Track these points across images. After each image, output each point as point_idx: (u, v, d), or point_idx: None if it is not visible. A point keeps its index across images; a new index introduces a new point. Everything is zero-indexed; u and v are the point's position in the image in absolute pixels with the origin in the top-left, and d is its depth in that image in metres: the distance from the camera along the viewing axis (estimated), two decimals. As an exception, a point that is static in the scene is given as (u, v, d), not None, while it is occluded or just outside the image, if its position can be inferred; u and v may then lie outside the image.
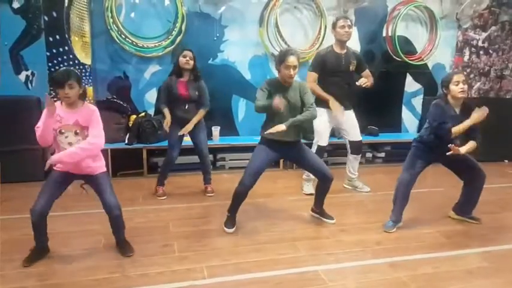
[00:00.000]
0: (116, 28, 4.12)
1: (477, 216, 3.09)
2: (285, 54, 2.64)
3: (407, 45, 5.04)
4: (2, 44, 3.96)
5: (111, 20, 4.07)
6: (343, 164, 4.08)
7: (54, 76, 2.24)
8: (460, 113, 2.74)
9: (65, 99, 2.20)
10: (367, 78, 3.57)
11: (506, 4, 5.29)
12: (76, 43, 3.89)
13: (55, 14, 3.80)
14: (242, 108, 4.78)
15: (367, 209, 3.40)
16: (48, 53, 3.86)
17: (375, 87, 3.71)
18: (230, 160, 4.54)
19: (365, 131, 4.91)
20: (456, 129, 2.66)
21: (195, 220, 3.07)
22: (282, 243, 2.70)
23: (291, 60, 2.60)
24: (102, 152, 2.44)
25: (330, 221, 3.05)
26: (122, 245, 2.49)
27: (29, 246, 2.54)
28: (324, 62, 3.44)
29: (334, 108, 3.46)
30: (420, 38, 5.11)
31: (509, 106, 5.23)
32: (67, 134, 2.25)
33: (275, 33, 4.53)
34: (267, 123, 2.76)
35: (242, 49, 4.62)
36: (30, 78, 4.10)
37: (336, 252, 2.58)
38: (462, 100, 2.74)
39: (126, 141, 4.19)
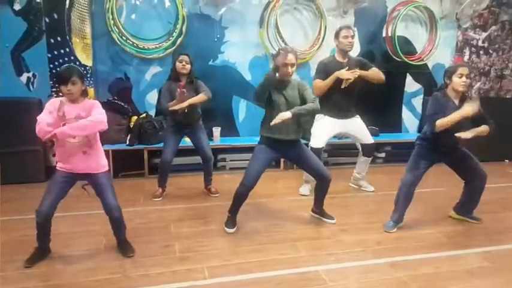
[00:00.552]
0: (117, 30, 4.13)
1: (478, 216, 3.09)
2: (284, 52, 2.66)
3: (407, 45, 5.05)
4: (4, 46, 3.97)
5: (112, 22, 4.09)
6: (343, 165, 4.11)
7: (58, 73, 2.27)
8: (459, 105, 2.71)
9: (68, 95, 2.21)
10: (377, 74, 3.48)
11: (506, 4, 5.29)
12: (77, 45, 3.91)
13: (56, 16, 3.82)
14: (243, 108, 4.79)
15: (367, 209, 3.41)
16: (49, 55, 3.88)
17: (375, 87, 3.71)
18: (231, 161, 4.55)
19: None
20: (442, 121, 2.59)
21: (196, 221, 3.08)
22: (283, 243, 2.70)
23: (289, 58, 2.62)
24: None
25: (331, 221, 3.05)
26: (123, 246, 2.50)
27: (30, 247, 2.55)
28: (328, 71, 3.40)
29: (342, 74, 3.33)
30: (420, 38, 5.12)
31: (509, 106, 5.23)
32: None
33: (275, 34, 4.54)
34: (266, 120, 2.76)
35: (242, 50, 4.63)
36: (31, 79, 4.11)
37: (337, 252, 2.59)
38: (461, 93, 2.73)
39: (127, 142, 4.20)
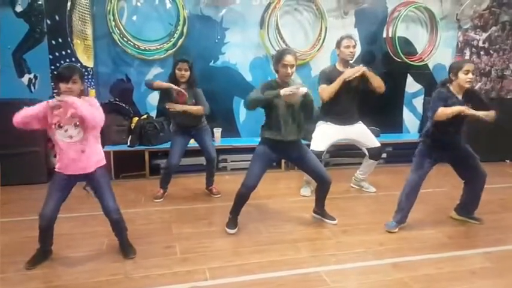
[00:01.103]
0: (118, 31, 4.14)
1: (479, 216, 3.09)
2: (282, 53, 2.67)
3: (407, 46, 5.05)
4: (5, 48, 3.98)
5: (113, 23, 4.10)
6: (344, 165, 4.10)
7: (59, 71, 2.25)
8: (463, 99, 2.72)
9: (67, 93, 2.19)
10: (378, 79, 3.47)
11: (506, 4, 5.29)
12: (78, 46, 3.92)
13: (57, 18, 3.83)
14: (243, 109, 4.78)
15: (369, 210, 3.40)
16: (50, 56, 3.89)
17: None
18: (232, 161, 4.55)
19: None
20: (444, 110, 2.61)
21: (197, 221, 3.08)
22: (284, 244, 2.70)
23: (288, 59, 2.62)
24: (104, 154, 2.45)
25: (332, 222, 3.05)
26: (124, 247, 2.50)
27: (31, 248, 2.55)
28: (330, 80, 3.38)
29: (350, 73, 3.33)
30: (420, 39, 5.12)
31: (510, 106, 5.22)
32: (66, 128, 2.23)
33: (276, 35, 4.54)
34: (267, 123, 2.77)
35: (243, 51, 4.64)
36: (33, 81, 4.12)
37: (338, 253, 2.58)
38: (465, 88, 2.72)
39: (128, 143, 4.21)
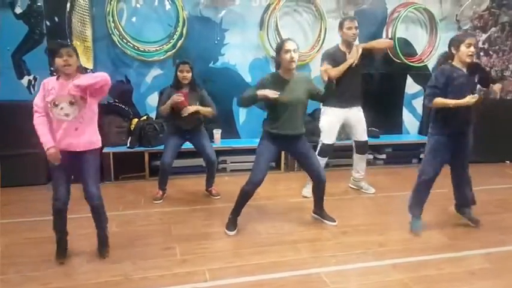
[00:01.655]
0: (118, 32, 4.14)
1: (479, 216, 3.07)
2: (282, 41, 2.71)
3: (407, 47, 5.05)
4: (5, 49, 3.98)
5: (112, 25, 4.10)
6: (345, 166, 4.10)
7: (51, 47, 2.26)
8: (468, 72, 2.70)
9: (66, 67, 2.16)
10: (382, 41, 3.64)
11: (506, 5, 5.29)
12: (78, 47, 3.89)
13: (57, 19, 3.82)
14: (243, 111, 4.78)
15: (369, 211, 3.40)
16: (50, 58, 3.88)
17: (376, 89, 3.72)
18: (231, 163, 4.54)
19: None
20: (442, 101, 2.63)
21: (197, 223, 3.07)
22: (284, 245, 2.70)
23: (289, 44, 2.61)
24: (104, 156, 2.45)
25: (331, 223, 3.04)
26: (101, 242, 2.48)
27: (31, 250, 2.56)
28: (332, 60, 3.41)
29: (354, 56, 3.38)
30: (420, 40, 5.12)
31: (510, 107, 5.22)
32: (62, 105, 2.20)
33: (275, 36, 4.54)
34: (270, 117, 2.77)
35: (243, 52, 4.63)
36: (32, 82, 4.12)
37: (338, 254, 2.58)
38: (468, 63, 2.69)
39: (128, 144, 4.20)
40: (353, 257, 2.54)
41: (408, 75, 5.22)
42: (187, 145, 3.63)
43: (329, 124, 3.55)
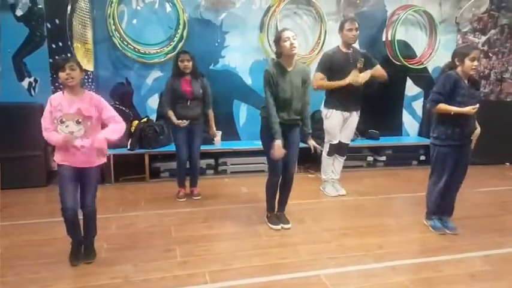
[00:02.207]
0: (118, 35, 4.15)
1: (478, 219, 3.07)
2: (280, 31, 2.75)
3: (407, 49, 5.06)
4: (5, 51, 4.00)
5: (113, 27, 4.11)
6: (344, 167, 4.06)
7: (55, 60, 2.30)
8: (469, 84, 2.73)
9: (68, 80, 2.19)
10: (380, 71, 3.59)
11: (505, 7, 5.31)
12: (78, 50, 3.93)
13: (58, 22, 3.84)
14: (243, 113, 4.80)
15: (368, 213, 3.40)
16: (51, 60, 3.89)
17: (375, 91, 3.73)
18: (232, 164, 4.54)
19: (366, 135, 4.92)
20: (446, 107, 2.66)
21: (197, 225, 3.08)
22: (284, 247, 2.70)
23: (287, 32, 2.68)
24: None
25: (286, 226, 2.99)
26: (87, 248, 2.46)
27: (31, 252, 2.56)
28: (332, 62, 3.46)
29: (353, 78, 3.42)
30: (420, 42, 5.13)
31: (509, 109, 5.23)
32: (68, 124, 2.23)
33: (275, 38, 4.55)
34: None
35: (243, 54, 4.65)
36: (33, 85, 4.13)
37: (338, 256, 2.58)
38: (469, 75, 2.74)
39: (128, 146, 4.21)
40: (353, 259, 2.54)
41: (408, 77, 5.23)
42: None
43: (333, 126, 3.62)
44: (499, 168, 4.99)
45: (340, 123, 3.62)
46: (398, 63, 4.98)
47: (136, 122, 4.32)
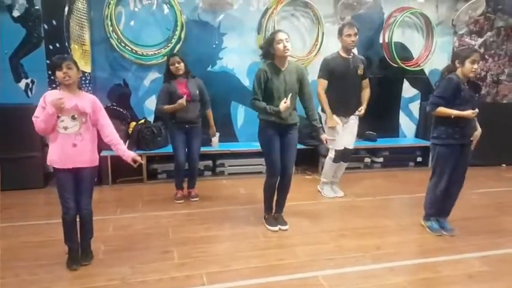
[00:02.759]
0: (116, 36, 4.15)
1: (476, 219, 3.08)
2: (273, 33, 2.77)
3: (403, 51, 5.09)
4: (2, 52, 3.98)
5: (110, 28, 4.11)
6: (347, 169, 4.07)
7: (51, 60, 2.29)
8: (468, 87, 2.73)
9: (65, 79, 2.21)
10: (364, 88, 3.63)
11: (501, 10, 5.35)
12: (76, 51, 3.91)
13: (55, 23, 3.83)
14: (241, 114, 4.80)
15: (366, 214, 3.41)
16: (48, 61, 3.88)
17: (373, 93, 3.75)
18: (229, 166, 4.54)
19: (363, 137, 4.93)
20: (445, 110, 2.66)
21: (195, 226, 3.07)
22: (282, 248, 2.70)
23: (280, 34, 2.69)
24: (102, 159, 2.45)
25: (283, 227, 3.00)
26: (84, 250, 2.45)
27: (29, 253, 2.55)
28: (332, 67, 3.45)
29: (330, 123, 3.49)
30: (416, 44, 5.16)
31: (505, 111, 5.27)
32: (63, 118, 2.23)
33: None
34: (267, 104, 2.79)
35: (241, 56, 4.65)
36: (30, 86, 4.12)
37: (336, 257, 2.58)
38: (468, 77, 2.73)
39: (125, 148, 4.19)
40: (351, 260, 2.54)
41: (405, 79, 5.26)
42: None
43: (335, 134, 3.55)
44: (496, 169, 5.02)
45: (340, 127, 3.58)
46: (395, 65, 5.00)
47: (133, 124, 4.31)
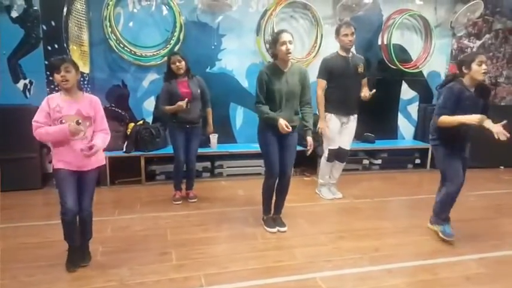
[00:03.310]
0: (115, 37, 4.15)
1: (474, 222, 3.08)
2: (278, 33, 2.74)
3: (402, 53, 5.10)
4: (1, 53, 3.98)
5: (109, 29, 4.11)
6: (345, 171, 4.07)
7: (50, 61, 2.21)
8: (475, 93, 2.66)
9: (63, 83, 2.16)
10: (363, 86, 3.63)
11: (499, 12, 5.38)
12: (74, 52, 3.91)
13: (53, 23, 3.82)
14: (240, 115, 4.80)
15: (364, 216, 3.41)
16: (46, 62, 3.88)
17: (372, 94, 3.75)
18: (228, 167, 4.54)
19: (361, 138, 4.94)
20: (448, 119, 2.58)
21: (193, 228, 3.06)
22: (280, 250, 2.70)
23: (285, 35, 2.67)
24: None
25: (282, 229, 2.99)
26: (83, 251, 2.43)
27: (27, 254, 2.54)
28: (331, 67, 3.47)
29: (320, 124, 3.53)
30: (415, 46, 5.17)
31: (503, 113, 5.24)
32: (68, 124, 2.17)
33: (272, 41, 4.57)
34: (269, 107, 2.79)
35: (239, 57, 4.66)
36: (28, 86, 4.11)
37: (334, 259, 2.58)
38: (478, 82, 2.64)
39: (124, 149, 4.20)
40: (349, 262, 2.54)
41: (403, 81, 5.27)
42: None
43: (331, 130, 3.58)
44: (494, 171, 5.03)
45: (337, 127, 3.60)
46: (393, 67, 5.01)
47: (132, 125, 4.31)
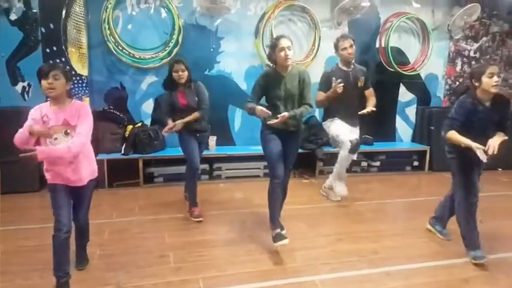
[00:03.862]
0: (113, 40, 4.15)
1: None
2: (277, 39, 2.71)
3: (400, 56, 5.12)
4: (-1, 56, 3.98)
5: (108, 32, 4.11)
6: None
7: (39, 67, 2.07)
8: (491, 106, 2.48)
9: (49, 90, 1.99)
10: (369, 97, 3.62)
11: (496, 15, 5.41)
12: (73, 54, 3.92)
13: (52, 26, 3.83)
14: (238, 118, 4.80)
15: (363, 218, 3.41)
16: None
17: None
18: (226, 170, 4.54)
19: (360, 140, 4.94)
20: (455, 137, 2.47)
21: (191, 231, 3.06)
22: (279, 253, 2.69)
23: (283, 41, 2.65)
24: (98, 163, 2.41)
25: (282, 232, 2.87)
26: (79, 255, 2.41)
27: (23, 258, 2.54)
28: (331, 80, 3.43)
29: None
30: (413, 49, 5.20)
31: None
32: (56, 136, 2.05)
33: (270, 44, 4.58)
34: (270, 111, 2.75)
35: (238, 60, 4.67)
36: (26, 89, 4.10)
37: (333, 261, 2.58)
38: (493, 94, 2.47)
39: (122, 151, 4.19)
40: (347, 265, 2.54)
41: (401, 83, 5.29)
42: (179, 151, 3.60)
43: (340, 127, 3.54)
44: (492, 173, 5.04)
45: (345, 124, 3.57)
46: (391, 69, 5.03)
47: (130, 127, 4.31)
